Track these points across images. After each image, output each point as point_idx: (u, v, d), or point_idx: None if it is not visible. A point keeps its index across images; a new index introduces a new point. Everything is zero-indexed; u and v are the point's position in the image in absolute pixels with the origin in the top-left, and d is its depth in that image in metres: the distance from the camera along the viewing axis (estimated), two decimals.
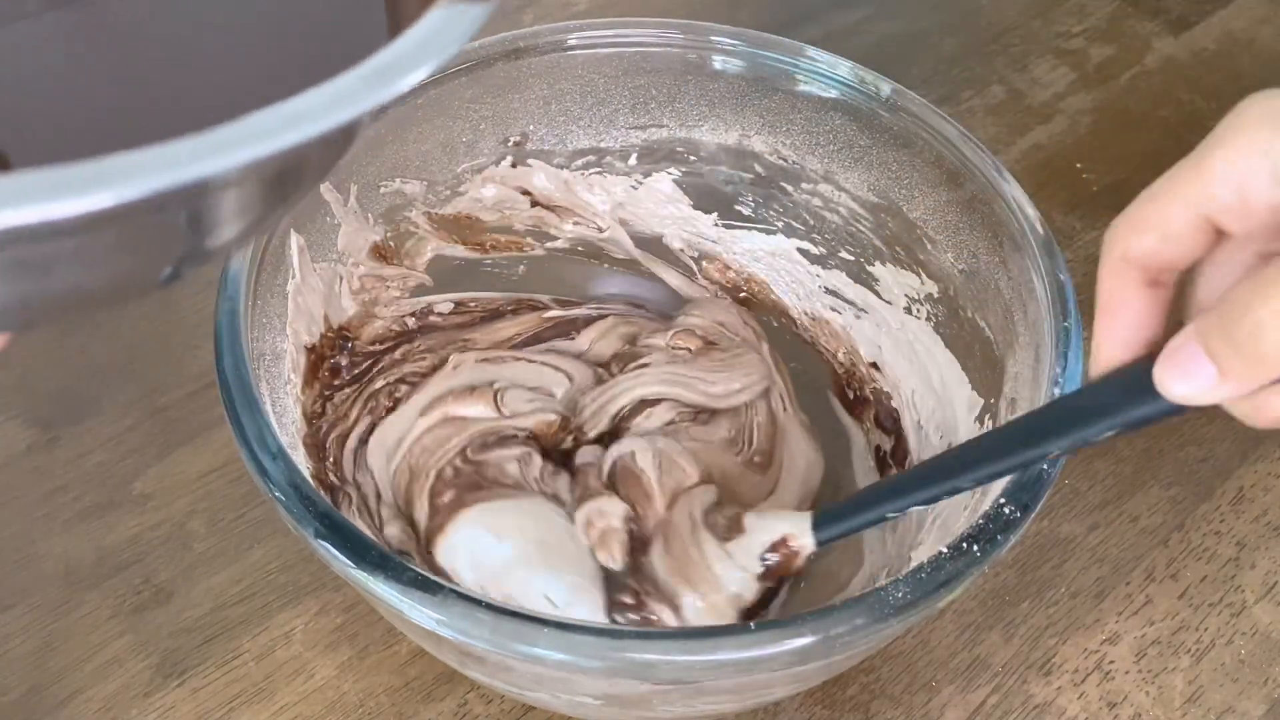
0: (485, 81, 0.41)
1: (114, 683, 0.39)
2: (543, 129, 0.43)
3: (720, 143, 0.41)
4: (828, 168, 0.43)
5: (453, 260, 0.45)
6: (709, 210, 0.45)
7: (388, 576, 0.28)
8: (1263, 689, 0.40)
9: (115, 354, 0.48)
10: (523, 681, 0.32)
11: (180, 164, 0.15)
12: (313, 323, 0.39)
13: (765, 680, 0.32)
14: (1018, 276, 0.37)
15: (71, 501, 0.43)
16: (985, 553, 0.29)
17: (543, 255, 0.46)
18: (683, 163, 0.44)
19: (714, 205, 0.45)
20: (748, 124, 0.43)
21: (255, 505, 0.43)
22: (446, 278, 0.45)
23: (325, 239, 0.39)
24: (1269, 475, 0.46)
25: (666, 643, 0.27)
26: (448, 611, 0.27)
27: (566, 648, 0.27)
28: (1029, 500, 0.30)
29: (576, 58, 0.42)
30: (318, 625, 0.40)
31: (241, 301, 0.33)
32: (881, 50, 0.62)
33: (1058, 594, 0.42)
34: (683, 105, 0.43)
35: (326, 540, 0.29)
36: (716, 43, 0.41)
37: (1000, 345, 0.38)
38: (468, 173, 0.43)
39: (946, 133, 0.39)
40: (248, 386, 0.31)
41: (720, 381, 0.42)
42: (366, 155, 0.39)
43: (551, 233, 0.46)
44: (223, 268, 0.34)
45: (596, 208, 0.45)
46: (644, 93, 0.43)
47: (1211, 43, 0.65)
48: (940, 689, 0.40)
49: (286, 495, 0.29)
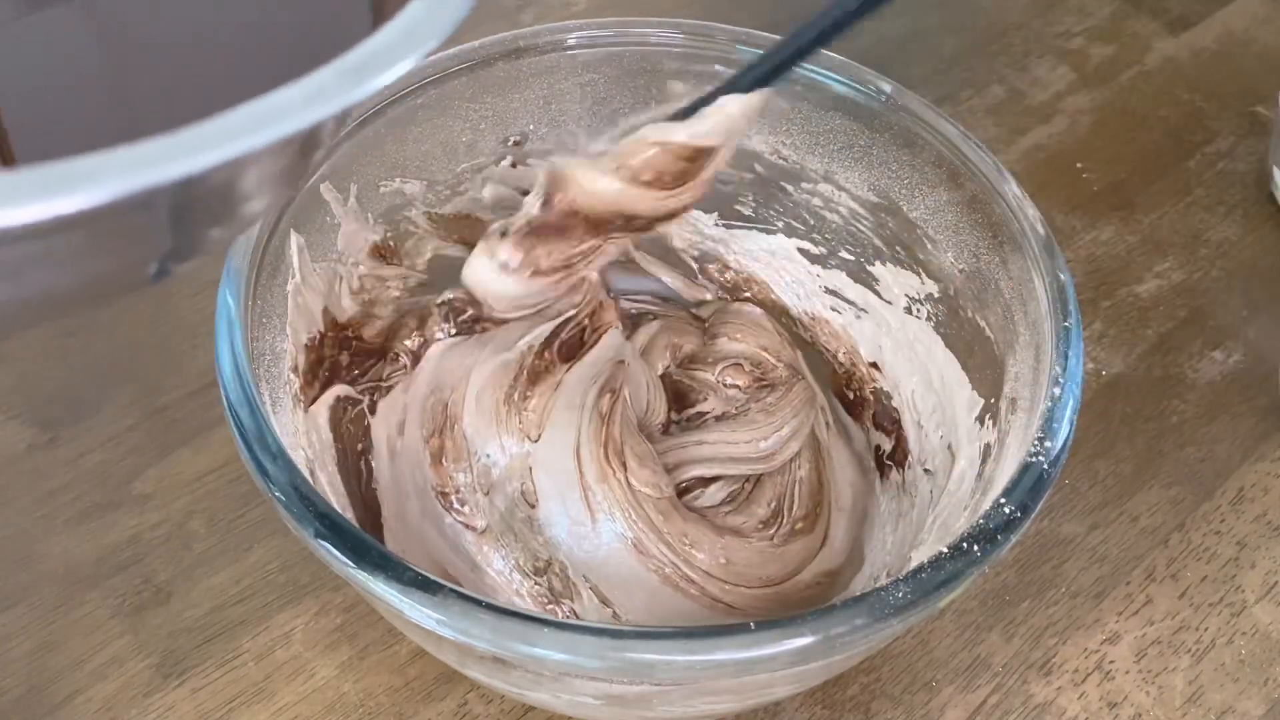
0: (485, 81, 0.41)
1: (114, 683, 0.39)
2: (543, 129, 0.43)
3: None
4: (828, 167, 0.43)
5: (453, 260, 0.45)
6: (709, 210, 0.45)
7: (388, 576, 0.28)
8: (1263, 689, 0.40)
9: (115, 354, 0.48)
10: (522, 681, 0.32)
11: (135, 170, 0.15)
12: (312, 322, 0.39)
13: (766, 680, 0.32)
14: (1018, 276, 0.37)
15: (71, 501, 0.43)
16: (985, 553, 0.29)
17: None
18: None
19: (714, 205, 0.45)
20: None
21: (255, 505, 0.43)
22: (446, 278, 0.45)
23: (325, 239, 0.39)
24: (1269, 475, 0.46)
25: (666, 642, 0.27)
26: (448, 611, 0.27)
27: (566, 648, 0.27)
28: (1029, 500, 0.30)
29: (576, 58, 0.42)
30: (318, 625, 0.40)
31: (241, 301, 0.33)
32: (881, 50, 0.62)
33: (1058, 594, 0.42)
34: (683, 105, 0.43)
35: (326, 540, 0.29)
36: (717, 42, 0.41)
37: (1000, 345, 0.38)
38: (468, 173, 0.43)
39: (947, 132, 0.39)
40: (248, 386, 0.31)
41: (772, 433, 0.42)
42: (366, 155, 0.39)
43: None
44: (223, 267, 0.34)
45: None
46: (644, 93, 0.43)
47: (1211, 43, 0.65)
48: (940, 689, 0.40)
49: (286, 495, 0.29)
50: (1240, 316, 0.52)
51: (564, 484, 0.39)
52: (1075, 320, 0.34)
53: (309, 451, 0.36)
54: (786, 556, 0.40)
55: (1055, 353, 0.33)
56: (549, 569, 0.38)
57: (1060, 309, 0.34)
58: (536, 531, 0.39)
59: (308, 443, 0.36)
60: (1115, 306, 0.52)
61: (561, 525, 0.39)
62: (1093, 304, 0.52)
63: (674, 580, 0.38)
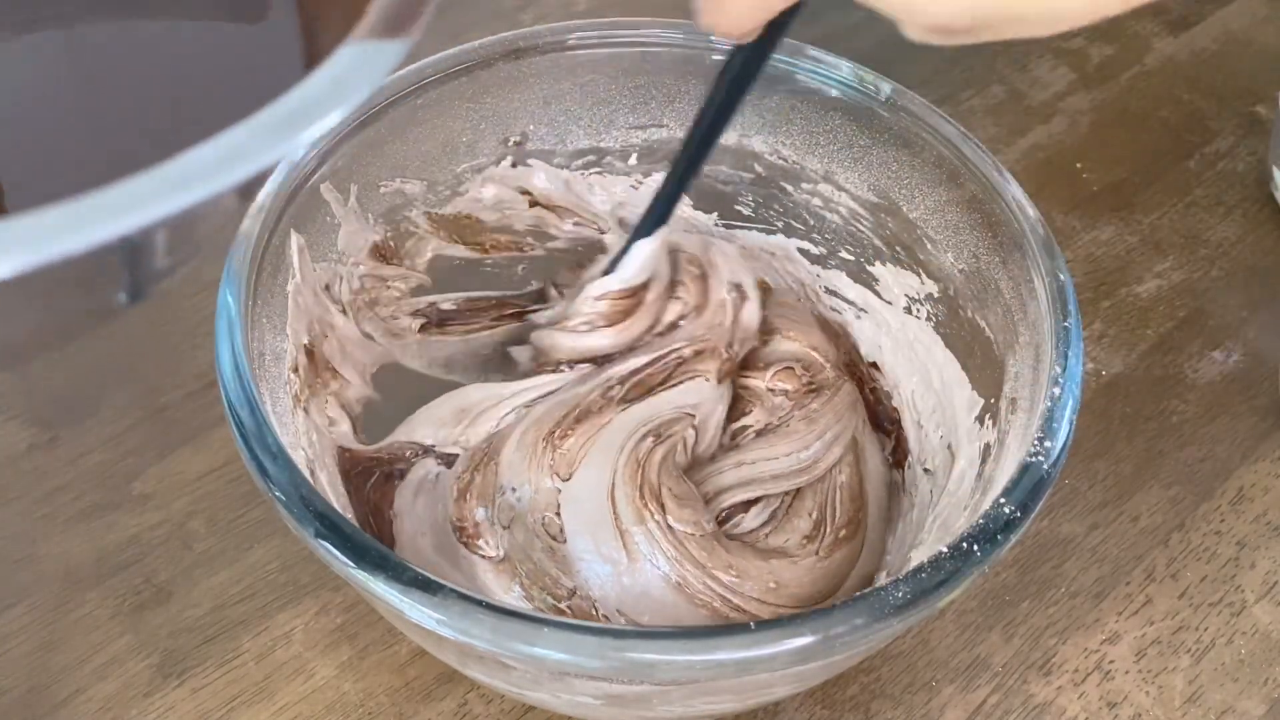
0: (485, 81, 0.41)
1: (114, 683, 0.39)
2: (543, 129, 0.43)
3: (720, 142, 0.41)
4: (828, 167, 0.43)
5: (453, 260, 0.45)
6: (709, 210, 0.45)
7: (388, 576, 0.28)
8: (1263, 689, 0.40)
9: (115, 354, 0.48)
10: (523, 681, 0.32)
11: (83, 227, 0.15)
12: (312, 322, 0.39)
13: (766, 680, 0.32)
14: (1018, 276, 0.37)
15: (71, 501, 0.43)
16: (985, 553, 0.29)
17: (543, 255, 0.46)
18: None
19: (714, 205, 0.45)
20: (747, 124, 0.43)
21: (255, 505, 0.43)
22: (446, 278, 0.45)
23: (325, 239, 0.39)
24: (1269, 475, 0.46)
25: (666, 642, 0.27)
26: (448, 611, 0.27)
27: (566, 648, 0.27)
28: (1029, 500, 0.30)
29: (577, 58, 0.42)
30: (318, 625, 0.41)
31: (241, 301, 0.33)
32: (881, 50, 0.62)
33: (1058, 594, 0.42)
34: (683, 105, 0.43)
35: (326, 540, 0.29)
36: (717, 43, 0.41)
37: (1000, 345, 0.38)
38: (468, 173, 0.43)
39: (946, 132, 0.39)
40: (248, 386, 0.31)
41: (814, 441, 0.41)
42: (367, 155, 0.39)
43: (551, 233, 0.46)
44: (223, 267, 0.34)
45: (596, 208, 0.45)
46: (644, 93, 0.43)
47: (1211, 43, 0.65)
48: (940, 689, 0.40)
49: (287, 495, 0.29)
50: (1240, 316, 0.52)
51: (596, 524, 0.38)
52: (1075, 320, 0.34)
53: (309, 451, 0.36)
54: (832, 569, 0.39)
55: (1055, 353, 0.33)
56: (572, 597, 0.37)
57: (1060, 309, 0.34)
58: (562, 566, 0.37)
59: (308, 443, 0.36)
60: (1115, 306, 0.52)
61: (593, 563, 0.37)
62: (1092, 304, 0.52)
63: (724, 614, 0.37)
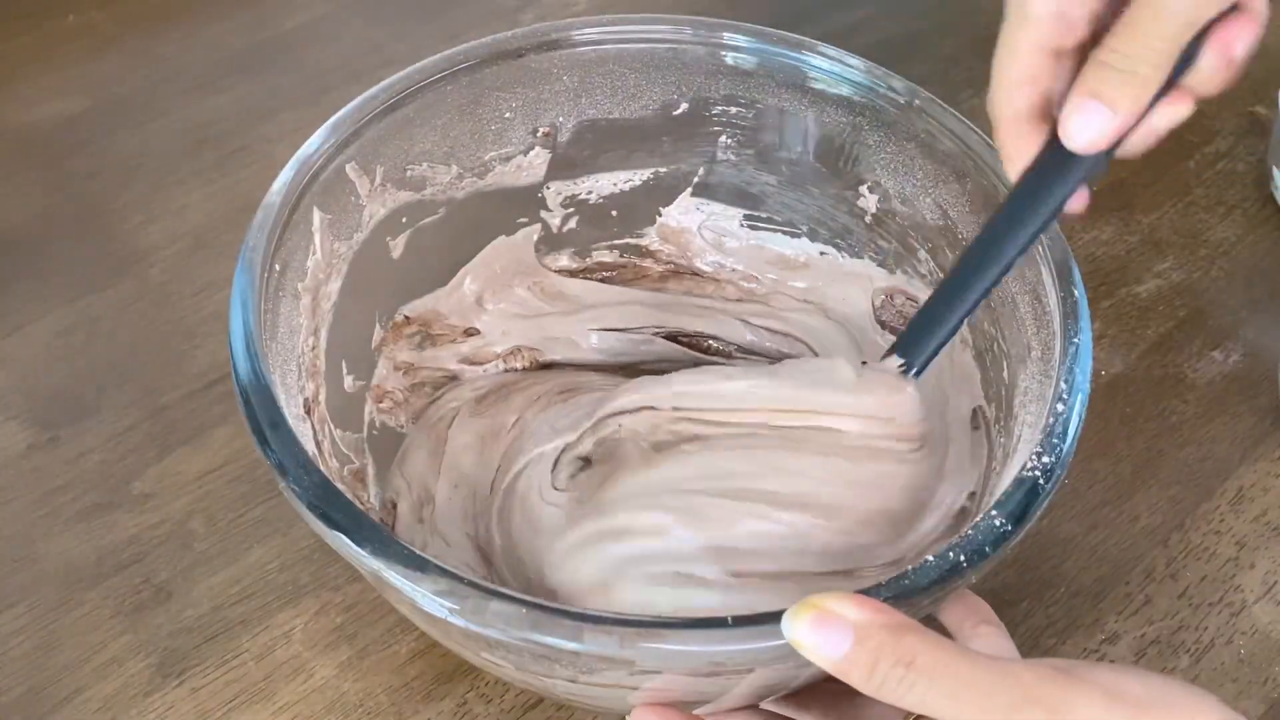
0: (516, 72, 0.41)
1: (114, 682, 0.39)
2: (572, 121, 0.43)
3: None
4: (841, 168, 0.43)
5: None
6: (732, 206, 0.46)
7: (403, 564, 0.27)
8: (1263, 689, 0.40)
9: (115, 354, 0.48)
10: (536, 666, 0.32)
11: None
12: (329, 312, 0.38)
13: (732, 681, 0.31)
14: (1025, 277, 0.36)
15: (71, 501, 0.43)
16: (971, 564, 0.28)
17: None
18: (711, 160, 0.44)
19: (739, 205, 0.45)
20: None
21: (255, 505, 0.43)
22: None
23: (349, 218, 0.38)
24: (1269, 475, 0.46)
25: (682, 632, 0.27)
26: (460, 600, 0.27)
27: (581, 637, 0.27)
28: (1021, 514, 0.29)
29: (607, 52, 0.41)
30: (317, 625, 0.40)
31: (257, 278, 0.33)
32: (881, 50, 0.62)
33: (1057, 594, 0.42)
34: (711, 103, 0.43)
35: (341, 530, 0.28)
36: (731, 40, 0.41)
37: (1010, 356, 0.37)
38: (495, 160, 0.43)
39: (956, 130, 0.39)
40: (262, 377, 0.31)
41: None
42: (394, 138, 0.39)
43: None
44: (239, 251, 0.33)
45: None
46: (674, 89, 0.43)
47: None
48: None
49: (300, 484, 0.29)
50: (1240, 317, 0.52)
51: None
52: (1084, 321, 0.33)
53: (318, 429, 0.35)
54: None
55: (1062, 354, 0.33)
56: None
57: (1067, 310, 0.34)
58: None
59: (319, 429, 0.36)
60: (1115, 306, 0.52)
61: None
62: (1093, 304, 0.51)
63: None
